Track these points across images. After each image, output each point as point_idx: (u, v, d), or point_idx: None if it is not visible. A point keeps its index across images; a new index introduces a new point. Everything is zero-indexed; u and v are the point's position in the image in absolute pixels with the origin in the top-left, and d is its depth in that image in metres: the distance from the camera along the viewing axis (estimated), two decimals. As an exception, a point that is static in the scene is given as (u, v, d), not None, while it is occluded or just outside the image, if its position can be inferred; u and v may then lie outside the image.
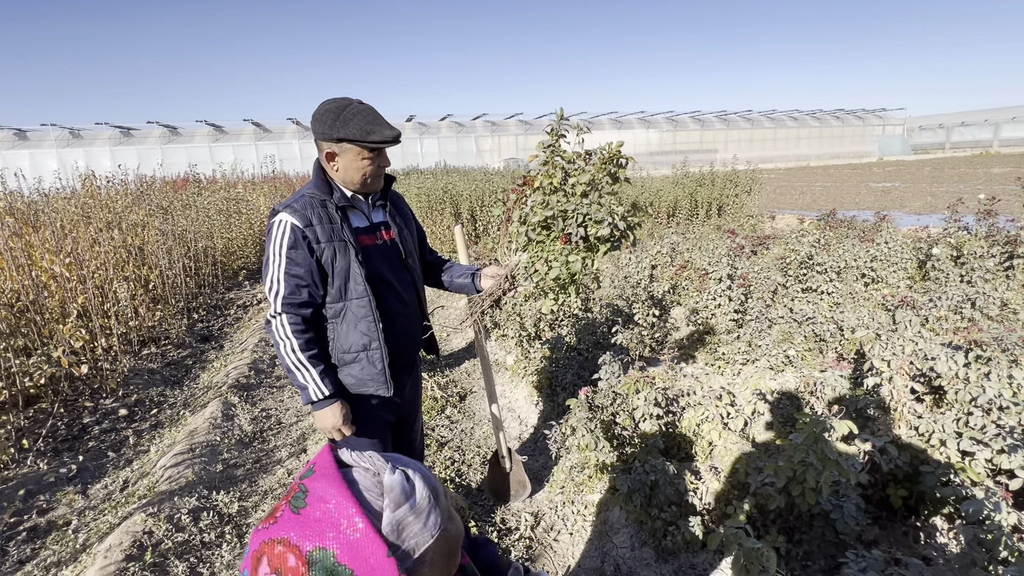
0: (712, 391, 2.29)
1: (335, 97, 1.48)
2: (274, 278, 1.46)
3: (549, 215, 1.37)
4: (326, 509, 0.51)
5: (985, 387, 2.01)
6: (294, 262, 1.45)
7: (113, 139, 23.60)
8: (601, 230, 1.31)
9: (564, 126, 1.42)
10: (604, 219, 1.31)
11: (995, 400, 1.95)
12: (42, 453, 2.97)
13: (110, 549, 2.08)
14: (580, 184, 1.35)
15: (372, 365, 1.57)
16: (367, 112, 1.43)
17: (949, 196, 12.18)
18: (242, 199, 9.06)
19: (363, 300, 1.52)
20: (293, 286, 1.45)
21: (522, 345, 3.57)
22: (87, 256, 4.25)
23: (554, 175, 1.39)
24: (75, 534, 2.30)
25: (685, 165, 10.64)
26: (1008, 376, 2.02)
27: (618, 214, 1.33)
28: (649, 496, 1.92)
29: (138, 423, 3.42)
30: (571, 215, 1.35)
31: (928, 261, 4.66)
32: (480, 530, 2.20)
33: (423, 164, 22.01)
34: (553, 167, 1.41)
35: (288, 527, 0.50)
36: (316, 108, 1.46)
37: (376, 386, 1.59)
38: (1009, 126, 39.50)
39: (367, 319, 1.53)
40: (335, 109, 1.43)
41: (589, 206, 1.32)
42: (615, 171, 1.39)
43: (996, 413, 1.96)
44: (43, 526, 2.39)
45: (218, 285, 7.03)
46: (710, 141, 34.77)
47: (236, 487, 2.63)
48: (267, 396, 3.73)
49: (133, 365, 4.19)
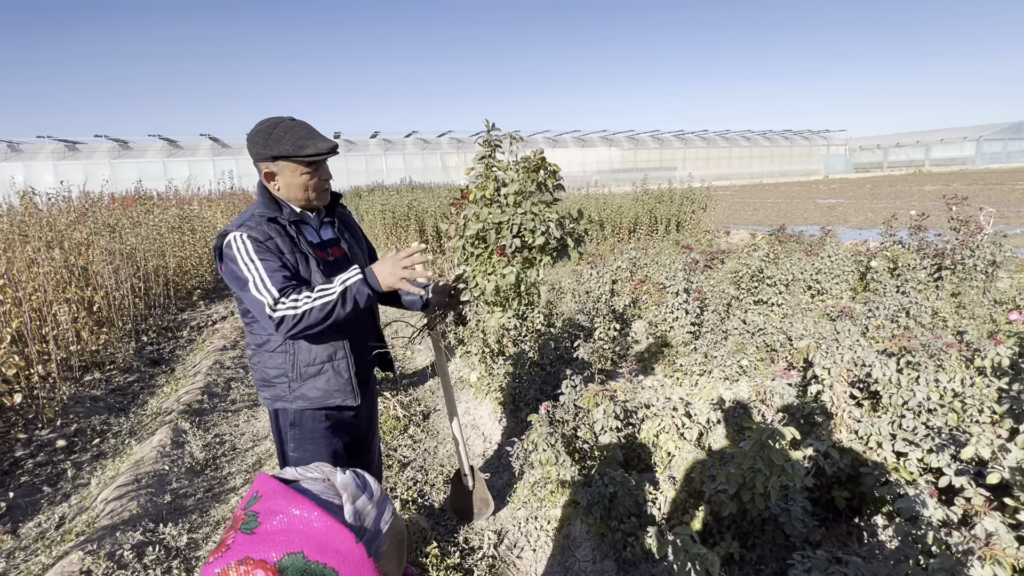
0: (669, 402, 2.36)
1: (268, 117, 1.48)
2: (258, 286, 1.39)
3: (481, 228, 1.40)
4: (282, 520, 0.50)
5: (915, 391, 2.15)
6: (268, 261, 1.40)
7: (56, 153, 22.41)
8: (536, 238, 1.35)
9: (497, 137, 1.46)
10: (537, 227, 1.34)
11: (923, 403, 2.09)
12: (-33, 491, 2.75)
13: (42, 592, 1.94)
14: (510, 194, 1.39)
15: (339, 375, 1.54)
16: (299, 127, 1.43)
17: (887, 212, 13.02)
18: (197, 216, 8.76)
19: None
20: (280, 278, 1.40)
21: (486, 361, 3.58)
22: (23, 277, 4.01)
23: (486, 187, 1.43)
24: (3, 578, 2.14)
25: (645, 182, 10.99)
26: (935, 380, 2.17)
27: (552, 221, 1.37)
28: (608, 508, 1.95)
29: (78, 454, 3.21)
30: (506, 226, 1.38)
31: (868, 273, 4.96)
32: (443, 551, 2.17)
33: (388, 180, 21.86)
34: (486, 179, 1.44)
35: (246, 548, 0.48)
36: (250, 130, 1.45)
37: (344, 396, 1.56)
38: (938, 147, 42.87)
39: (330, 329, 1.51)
40: (267, 128, 1.43)
41: (523, 216, 1.36)
42: (545, 179, 1.44)
43: (925, 415, 2.10)
44: (-34, 571, 2.20)
45: (170, 306, 6.73)
46: (669, 159, 36.09)
47: (186, 518, 2.50)
48: (221, 421, 3.58)
49: (74, 392, 3.95)
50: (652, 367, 3.76)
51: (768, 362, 3.51)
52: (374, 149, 28.26)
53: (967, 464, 1.87)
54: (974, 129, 41.95)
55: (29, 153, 22.07)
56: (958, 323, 3.91)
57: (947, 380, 2.18)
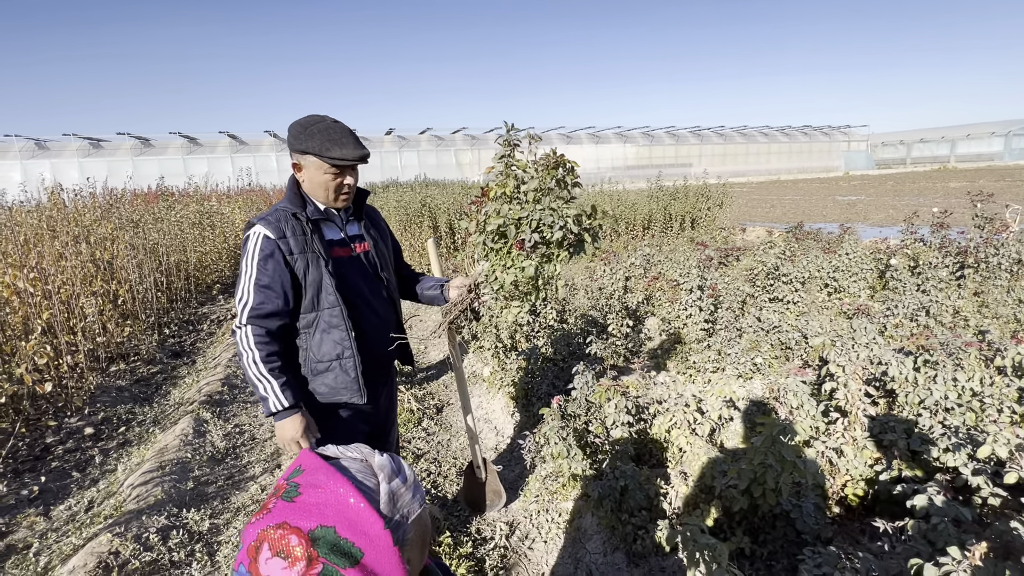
0: (681, 398, 2.37)
1: (316, 113, 1.54)
2: (244, 289, 1.48)
3: (501, 223, 1.44)
4: (320, 493, 0.54)
5: (932, 390, 2.13)
6: (265, 273, 1.47)
7: (82, 151, 22.99)
8: (554, 233, 1.38)
9: (516, 137, 1.50)
10: (555, 223, 1.38)
11: (940, 402, 2.07)
12: (1, 475, 2.87)
13: (74, 571, 2.03)
14: (530, 191, 1.42)
15: (346, 374, 1.59)
16: (335, 129, 1.48)
17: (909, 209, 12.73)
18: (216, 212, 8.93)
19: (335, 310, 1.55)
20: (261, 298, 1.47)
21: (499, 357, 3.61)
22: (53, 270, 4.14)
23: (506, 184, 1.46)
24: (36, 557, 2.23)
25: (659, 179, 10.91)
26: (953, 379, 2.15)
27: (570, 216, 1.40)
28: (619, 501, 1.97)
29: (104, 442, 3.33)
30: (525, 222, 1.41)
31: (887, 271, 4.88)
32: (456, 541, 2.21)
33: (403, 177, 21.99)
34: (506, 177, 1.48)
35: (285, 513, 0.52)
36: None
37: (350, 394, 1.61)
38: (964, 143, 41.60)
39: (339, 328, 1.56)
40: (305, 122, 1.49)
41: (542, 211, 1.40)
42: (563, 176, 1.47)
43: (942, 414, 2.08)
44: (1, 549, 2.31)
45: (191, 300, 6.89)
46: (685, 156, 35.68)
47: (207, 504, 2.58)
48: (241, 412, 3.67)
49: (100, 382, 4.08)
50: (665, 364, 3.75)
51: (783, 360, 3.48)
52: (389, 146, 28.44)
53: (984, 464, 1.85)
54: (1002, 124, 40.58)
55: (55, 150, 22.67)
56: (980, 322, 3.83)
57: (965, 379, 2.15)
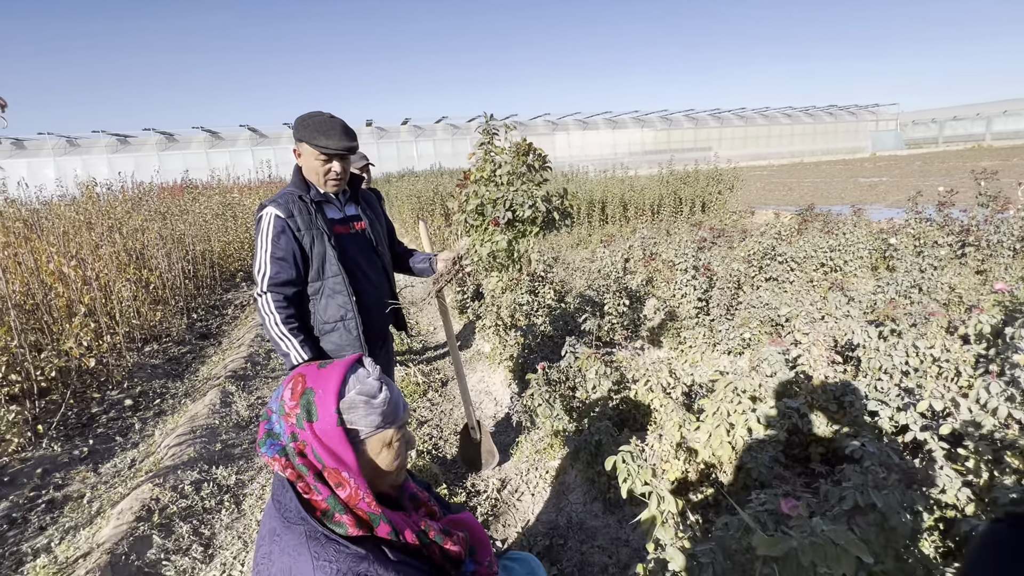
0: (659, 363, 2.55)
1: (319, 109, 1.77)
2: (262, 261, 1.73)
3: (479, 203, 1.64)
4: (327, 373, 0.89)
5: (893, 355, 2.27)
6: (279, 247, 1.71)
7: (110, 147, 23.86)
8: (525, 212, 1.58)
9: (494, 126, 1.69)
10: (525, 202, 1.58)
11: (898, 366, 2.21)
12: (55, 438, 3.23)
13: (122, 513, 2.34)
14: (504, 174, 1.62)
15: (348, 332, 1.84)
16: (327, 123, 1.70)
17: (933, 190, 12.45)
18: (238, 203, 9.32)
19: (338, 278, 1.79)
20: (277, 268, 1.72)
21: (499, 334, 3.83)
22: (91, 259, 4.51)
23: (484, 168, 1.66)
24: (89, 504, 2.56)
25: (671, 163, 10.91)
26: (913, 346, 2.28)
27: (538, 197, 1.60)
28: (594, 455, 2.18)
29: (142, 412, 3.68)
30: (500, 201, 1.62)
31: (888, 250, 4.92)
32: (451, 492, 2.46)
33: (419, 167, 22.24)
34: (485, 162, 1.68)
35: (310, 371, 0.91)
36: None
37: (352, 351, 1.86)
38: (1001, 120, 39.83)
39: (342, 294, 1.80)
40: (306, 116, 1.73)
41: (514, 192, 1.60)
42: (532, 162, 1.66)
43: (899, 377, 2.22)
44: (59, 499, 2.65)
45: (216, 286, 7.29)
46: (704, 139, 35.03)
47: (234, 464, 2.88)
48: (263, 385, 3.98)
49: (136, 360, 4.45)
50: (660, 341, 3.93)
51: (773, 336, 3.62)
52: (405, 136, 28.72)
53: (930, 420, 1.99)
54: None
55: (85, 147, 23.58)
56: (978, 300, 3.89)
57: (927, 347, 2.28)
